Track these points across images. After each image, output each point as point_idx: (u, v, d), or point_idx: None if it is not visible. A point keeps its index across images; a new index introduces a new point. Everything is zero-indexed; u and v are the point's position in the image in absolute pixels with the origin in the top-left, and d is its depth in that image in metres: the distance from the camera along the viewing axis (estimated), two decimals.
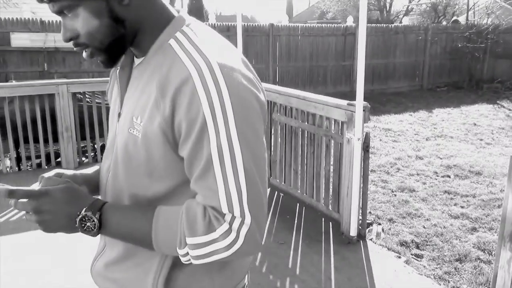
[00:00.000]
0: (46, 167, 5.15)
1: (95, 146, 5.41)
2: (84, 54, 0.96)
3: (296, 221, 3.83)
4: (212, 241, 0.87)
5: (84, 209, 0.90)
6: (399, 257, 3.34)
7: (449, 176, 5.38)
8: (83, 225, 0.90)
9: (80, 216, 0.90)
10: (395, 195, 4.74)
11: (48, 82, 4.89)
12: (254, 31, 10.62)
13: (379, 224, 3.91)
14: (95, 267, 1.12)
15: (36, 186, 0.99)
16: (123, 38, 0.94)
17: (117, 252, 1.04)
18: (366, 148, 3.26)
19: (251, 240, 0.87)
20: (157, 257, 0.98)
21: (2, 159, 4.93)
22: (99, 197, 1.08)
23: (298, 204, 4.12)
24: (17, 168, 5.09)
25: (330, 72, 11.72)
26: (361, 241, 3.47)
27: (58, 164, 5.20)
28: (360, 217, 3.48)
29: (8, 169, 5.10)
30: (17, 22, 8.33)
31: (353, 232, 3.42)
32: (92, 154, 5.41)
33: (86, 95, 5.15)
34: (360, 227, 3.48)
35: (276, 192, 4.43)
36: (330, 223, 3.77)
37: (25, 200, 0.90)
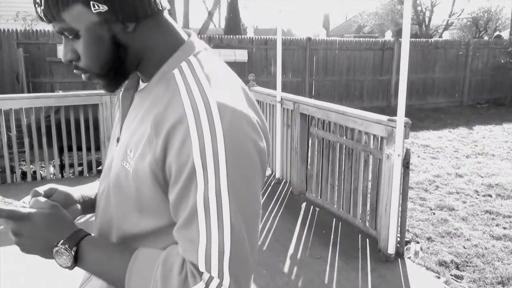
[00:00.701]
0: (87, 174, 5.31)
1: None
2: (83, 77, 0.91)
3: (332, 236, 3.80)
4: None
5: (62, 241, 0.86)
6: (438, 278, 3.26)
7: (490, 196, 5.22)
8: (59, 257, 0.87)
9: (56, 248, 0.86)
10: (434, 214, 4.64)
11: (93, 93, 5.06)
12: (291, 44, 10.67)
13: (418, 242, 3.84)
14: None
15: (28, 199, 0.97)
16: (124, 64, 0.90)
17: (102, 283, 0.98)
18: (406, 164, 3.22)
19: None
20: None
21: (47, 166, 5.12)
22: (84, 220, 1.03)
23: (334, 219, 4.09)
24: (60, 175, 5.28)
25: (367, 86, 11.62)
26: (399, 259, 3.41)
27: (99, 172, 5.36)
28: (399, 235, 3.43)
29: (51, 175, 5.29)
30: None
31: (391, 250, 3.37)
32: None
33: None
34: (398, 245, 3.42)
35: (312, 207, 4.41)
36: (367, 239, 3.72)
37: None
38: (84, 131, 5.10)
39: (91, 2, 0.81)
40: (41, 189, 0.99)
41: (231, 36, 10.95)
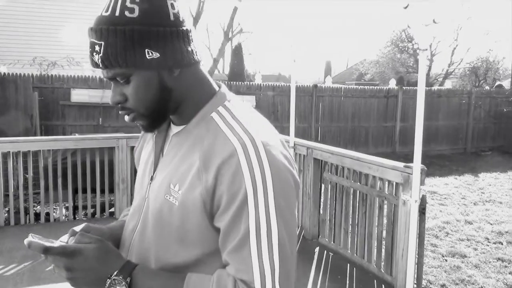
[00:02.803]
0: (99, 216, 5.35)
1: None
2: (127, 118, 1.00)
3: (348, 282, 3.81)
4: None
5: (116, 272, 0.91)
6: None
7: (501, 243, 5.23)
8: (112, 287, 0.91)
9: (110, 280, 0.91)
10: (446, 260, 4.64)
11: (110, 136, 5.18)
12: (298, 91, 10.89)
13: None
14: None
15: (65, 238, 1.01)
16: (167, 106, 0.99)
17: None
18: (422, 210, 3.28)
19: None
20: None
21: (60, 207, 5.16)
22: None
23: (348, 264, 4.10)
24: (72, 217, 5.31)
25: (372, 132, 11.80)
26: None
27: (112, 214, 5.40)
28: (415, 281, 3.43)
29: (64, 217, 5.33)
30: (78, 79, 8.94)
31: None
32: None
33: None
34: None
35: (325, 251, 4.42)
36: (383, 285, 3.72)
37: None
38: (99, 173, 5.18)
39: (146, 50, 0.91)
40: (78, 228, 1.05)
41: (240, 82, 11.23)
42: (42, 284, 3.57)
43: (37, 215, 5.22)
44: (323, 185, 4.62)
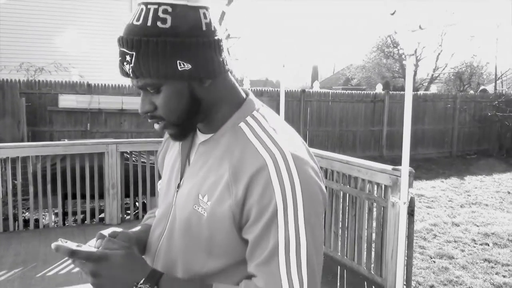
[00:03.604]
0: (89, 222, 5.32)
1: (136, 203, 5.60)
2: (157, 126, 1.00)
3: (338, 284, 3.85)
4: None
5: (142, 280, 0.91)
6: None
7: (488, 244, 5.33)
8: None
9: (137, 287, 0.91)
10: (434, 262, 4.72)
11: (100, 141, 5.18)
12: (286, 96, 10.90)
13: None
14: None
15: (92, 242, 1.02)
16: (197, 115, 0.99)
17: None
18: (411, 212, 3.34)
19: None
20: None
21: (50, 213, 5.13)
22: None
23: (338, 267, 4.15)
24: (62, 223, 5.28)
25: (359, 137, 11.92)
26: None
27: (101, 220, 5.38)
28: (405, 282, 3.49)
29: (53, 224, 5.30)
30: (65, 85, 8.90)
31: None
32: (134, 211, 5.58)
33: (133, 154, 5.41)
34: None
35: None
36: (373, 286, 3.77)
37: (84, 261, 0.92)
38: (89, 179, 5.16)
39: (178, 61, 0.90)
40: (106, 232, 1.05)
41: None
42: None
43: (26, 222, 5.18)
44: None
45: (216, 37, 0.95)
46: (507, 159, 12.57)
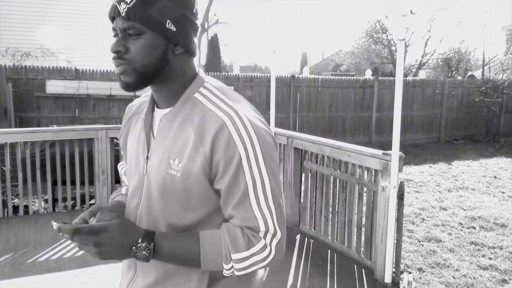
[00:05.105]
0: (79, 208, 5.31)
1: None
2: (117, 69, 1.09)
3: (329, 267, 3.90)
4: (252, 255, 1.07)
5: (140, 239, 1.05)
6: None
7: (474, 228, 5.42)
8: (138, 254, 1.05)
9: (136, 247, 1.05)
10: (422, 245, 4.79)
11: (89, 127, 5.14)
12: (276, 81, 10.95)
13: (410, 272, 3.97)
14: None
15: (76, 221, 1.15)
16: (157, 74, 1.10)
17: (154, 277, 1.17)
18: (400, 196, 3.39)
19: (279, 249, 1.11)
20: (194, 277, 1.14)
21: (39, 200, 5.11)
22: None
23: (329, 251, 4.20)
24: (52, 209, 5.26)
25: (348, 122, 11.96)
26: None
27: (91, 206, 5.36)
28: (394, 265, 3.55)
29: (43, 210, 5.27)
30: (53, 70, 8.77)
31: (387, 279, 3.48)
32: None
33: None
34: (394, 275, 3.54)
35: (306, 238, 4.51)
36: (363, 269, 3.83)
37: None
38: (79, 165, 5.13)
39: (168, 21, 1.06)
40: (93, 208, 1.18)
41: (217, 73, 11.20)
42: (23, 276, 3.56)
43: (15, 208, 5.15)
44: (303, 174, 4.70)
45: (197, 23, 1.13)
46: (494, 144, 12.73)
